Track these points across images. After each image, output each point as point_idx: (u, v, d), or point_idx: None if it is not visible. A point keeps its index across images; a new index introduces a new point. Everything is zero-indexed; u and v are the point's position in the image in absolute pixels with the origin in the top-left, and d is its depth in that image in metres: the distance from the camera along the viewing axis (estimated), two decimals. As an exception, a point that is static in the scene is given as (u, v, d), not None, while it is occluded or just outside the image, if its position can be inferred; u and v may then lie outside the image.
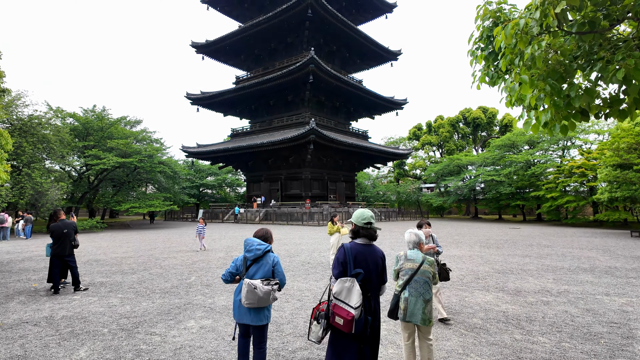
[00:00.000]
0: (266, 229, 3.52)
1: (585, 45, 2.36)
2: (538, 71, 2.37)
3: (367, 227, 2.84)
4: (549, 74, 2.31)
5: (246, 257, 3.27)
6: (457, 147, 57.01)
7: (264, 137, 35.59)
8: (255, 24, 35.40)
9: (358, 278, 2.69)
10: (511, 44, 2.40)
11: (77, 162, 29.14)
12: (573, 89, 2.29)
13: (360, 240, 2.87)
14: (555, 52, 2.35)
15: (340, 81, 34.07)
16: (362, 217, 2.87)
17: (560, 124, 2.49)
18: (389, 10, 43.66)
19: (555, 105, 2.39)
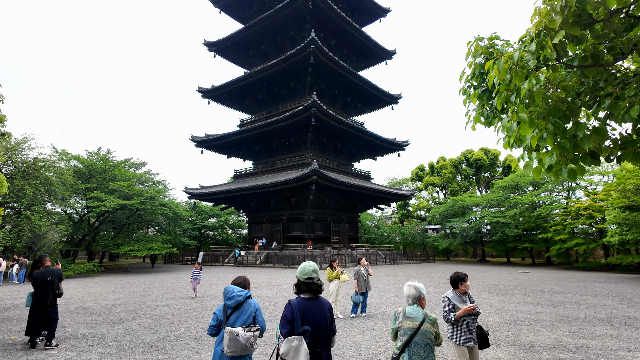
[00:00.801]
0: (244, 277, 3.49)
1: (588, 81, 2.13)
2: (538, 109, 2.12)
3: (308, 283, 2.83)
4: (550, 112, 2.06)
5: (227, 305, 3.26)
6: (461, 188, 56.68)
7: (266, 178, 35.60)
8: (260, 71, 36.66)
9: (305, 336, 2.67)
10: (506, 79, 2.17)
11: (78, 204, 29.04)
12: (580, 128, 2.02)
13: (305, 295, 2.84)
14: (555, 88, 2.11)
15: (341, 124, 34.57)
16: (304, 272, 2.86)
17: (567, 168, 2.20)
18: (389, 57, 45.27)
19: (560, 146, 2.12)
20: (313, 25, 37.02)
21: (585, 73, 2.09)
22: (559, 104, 2.09)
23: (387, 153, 44.92)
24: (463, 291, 4.20)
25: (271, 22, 37.75)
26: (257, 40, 41.42)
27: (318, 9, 35.29)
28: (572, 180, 2.24)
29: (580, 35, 1.93)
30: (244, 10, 44.94)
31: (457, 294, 4.22)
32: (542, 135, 2.25)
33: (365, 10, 45.44)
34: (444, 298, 4.21)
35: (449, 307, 4.13)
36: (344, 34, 40.14)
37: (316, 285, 2.84)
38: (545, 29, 1.91)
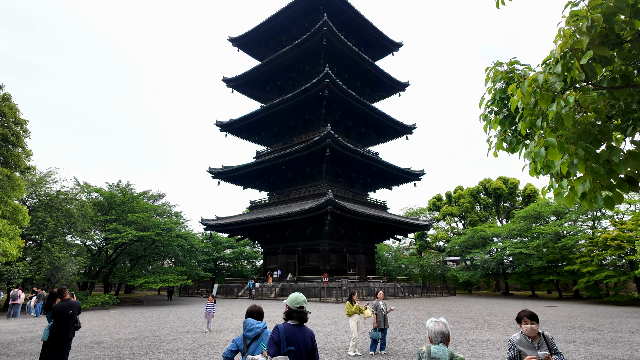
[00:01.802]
0: (259, 306, 3.74)
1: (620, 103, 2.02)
2: (567, 133, 2.00)
3: (299, 311, 3.11)
4: (580, 136, 1.94)
5: (246, 336, 3.49)
6: (480, 218, 55.34)
7: (281, 209, 35.58)
8: (276, 104, 37.59)
9: (290, 355, 2.97)
10: (530, 103, 2.08)
11: (97, 236, 29.46)
12: (614, 153, 1.89)
13: (292, 322, 3.13)
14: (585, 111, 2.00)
15: (356, 154, 34.70)
16: (296, 301, 3.14)
17: (603, 195, 2.05)
18: (402, 89, 45.92)
19: (593, 172, 1.98)
20: (327, 60, 38.13)
21: (616, 95, 1.98)
22: (590, 128, 1.97)
23: (402, 183, 44.57)
24: (533, 335, 3.41)
25: (287, 58, 39.08)
26: (273, 76, 42.78)
27: (332, 45, 36.45)
28: (610, 208, 2.07)
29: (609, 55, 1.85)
30: (261, 49, 46.81)
31: (525, 337, 3.44)
32: (572, 160, 2.11)
33: (378, 45, 46.70)
34: (509, 341, 3.55)
35: (512, 353, 3.45)
36: (358, 68, 41.12)
37: (304, 314, 3.14)
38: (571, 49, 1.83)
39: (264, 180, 42.27)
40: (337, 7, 39.91)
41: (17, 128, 10.94)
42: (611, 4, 1.85)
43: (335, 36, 35.62)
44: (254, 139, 45.76)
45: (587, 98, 2.02)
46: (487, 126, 2.71)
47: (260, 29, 43.76)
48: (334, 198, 30.17)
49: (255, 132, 44.07)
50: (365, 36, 44.92)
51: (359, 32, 44.18)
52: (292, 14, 41.29)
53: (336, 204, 29.90)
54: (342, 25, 41.09)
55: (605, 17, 1.80)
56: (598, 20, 1.77)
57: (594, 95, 2.06)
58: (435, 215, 59.43)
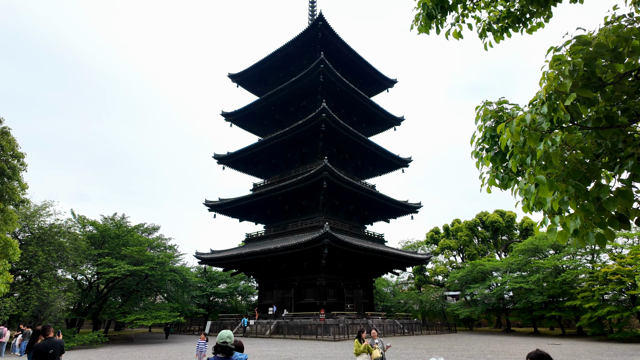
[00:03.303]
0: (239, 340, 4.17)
1: (606, 142, 2.08)
2: (556, 171, 2.04)
3: (223, 345, 3.63)
4: (569, 173, 1.98)
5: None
6: (479, 251, 54.81)
7: (277, 242, 35.15)
8: (273, 138, 38.11)
9: None
10: (519, 141, 2.13)
11: (89, 270, 28.80)
12: (603, 191, 1.92)
13: (220, 355, 3.63)
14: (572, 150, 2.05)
15: (353, 186, 34.83)
16: (221, 337, 3.67)
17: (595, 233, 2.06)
18: (397, 123, 46.87)
19: (584, 209, 2.00)
20: (324, 96, 39.14)
21: (602, 134, 2.04)
22: (578, 166, 2.02)
23: (400, 215, 44.46)
24: None
25: (285, 94, 40.10)
26: (271, 110, 43.69)
27: (328, 81, 37.56)
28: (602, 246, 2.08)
29: (592, 97, 1.92)
30: (259, 85, 48.15)
31: None
32: (563, 198, 2.14)
33: (373, 81, 48.16)
34: None
35: None
36: (354, 103, 42.16)
37: (228, 348, 3.64)
38: (555, 92, 1.90)
39: (260, 213, 42.05)
40: (334, 46, 41.50)
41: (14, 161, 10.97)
42: (591, 49, 1.95)
43: (332, 73, 36.78)
44: (251, 171, 46.00)
45: (573, 137, 2.08)
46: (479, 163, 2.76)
47: (259, 66, 45.22)
48: (331, 231, 29.93)
49: (253, 164, 44.38)
50: (360, 73, 46.42)
51: (354, 69, 45.69)
52: (289, 52, 42.85)
53: (333, 237, 29.62)
54: (338, 63, 42.54)
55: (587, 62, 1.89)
56: (579, 64, 1.85)
57: (580, 135, 2.12)
58: (433, 248, 58.83)
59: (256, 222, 44.16)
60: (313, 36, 40.33)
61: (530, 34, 4.13)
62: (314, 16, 47.94)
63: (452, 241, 56.03)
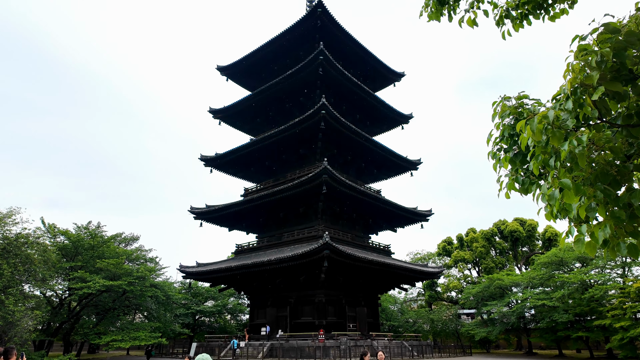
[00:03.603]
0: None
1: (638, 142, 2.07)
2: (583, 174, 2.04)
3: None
4: (597, 177, 1.98)
5: None
6: (496, 264, 54.81)
7: (271, 254, 35.07)
8: (267, 137, 38.15)
9: None
10: (542, 141, 2.13)
11: (60, 285, 28.68)
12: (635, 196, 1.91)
13: None
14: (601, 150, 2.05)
15: (356, 192, 34.81)
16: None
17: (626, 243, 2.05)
18: (405, 121, 46.98)
19: (614, 217, 1.99)
20: (323, 91, 39.20)
21: (633, 133, 2.04)
22: (607, 168, 2.01)
23: (408, 224, 44.41)
24: None
25: (280, 88, 40.19)
26: (264, 107, 43.77)
27: (328, 75, 37.65)
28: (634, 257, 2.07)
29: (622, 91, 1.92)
30: (251, 78, 48.23)
31: None
32: (590, 204, 2.13)
33: (378, 75, 48.32)
34: None
35: None
36: (357, 99, 42.25)
37: None
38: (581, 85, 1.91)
39: (252, 221, 41.97)
40: (334, 36, 41.65)
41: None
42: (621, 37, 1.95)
43: (332, 65, 36.90)
44: (242, 174, 45.97)
45: (601, 136, 2.08)
46: (496, 165, 2.76)
47: (251, 57, 45.32)
48: (332, 241, 29.87)
49: (244, 167, 44.37)
50: (364, 66, 46.57)
51: (357, 62, 45.84)
52: (285, 42, 42.96)
53: (334, 248, 29.55)
54: (339, 55, 42.67)
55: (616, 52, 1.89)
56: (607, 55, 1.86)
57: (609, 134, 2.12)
58: (445, 261, 58.82)
59: (247, 231, 44.05)
60: (311, 25, 40.49)
61: (552, 21, 4.15)
62: (312, 2, 48.16)
63: (466, 253, 56.01)
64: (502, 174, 2.81)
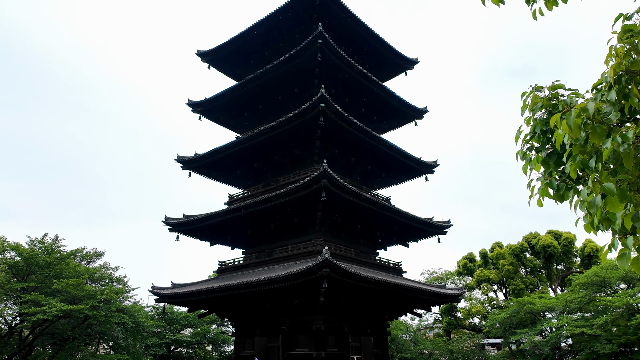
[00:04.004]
0: None
1: (694, 139, 2.07)
2: (629, 177, 2.03)
3: None
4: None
5: None
6: (527, 285, 54.85)
7: (261, 273, 34.98)
8: (256, 135, 38.17)
9: None
10: (580, 138, 2.12)
11: (9, 310, 28.58)
12: (691, 202, 1.91)
13: None
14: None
15: (361, 199, 34.80)
16: None
17: (681, 258, 2.04)
18: (419, 116, 47.16)
19: (666, 228, 1.99)
20: (322, 81, 39.30)
21: (688, 129, 2.04)
22: (658, 170, 2.01)
23: (422, 237, 44.43)
24: None
25: (271, 77, 40.28)
26: (252, 99, 43.85)
27: (328, 61, 37.75)
28: (691, 276, 2.07)
29: (674, 79, 1.92)
30: (238, 65, 48.36)
31: None
32: (637, 212, 2.13)
33: (387, 62, 48.50)
34: None
35: None
36: (362, 91, 42.37)
37: None
38: (626, 72, 1.90)
39: (237, 234, 41.91)
40: (336, 16, 41.81)
41: None
42: (672, 16, 1.95)
43: (333, 51, 37.03)
44: (226, 179, 45.98)
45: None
46: (526, 167, 2.75)
47: (238, 41, 45.45)
48: (332, 258, 29.81)
49: (228, 170, 44.39)
50: (371, 52, 46.75)
51: (363, 47, 46.02)
52: (278, 23, 43.13)
53: (334, 267, 29.48)
54: (341, 38, 42.83)
55: (666, 33, 1.89)
56: (657, 36, 1.85)
57: (660, 130, 2.12)
58: (467, 281, 58.86)
59: (232, 245, 43.96)
60: (309, 3, 40.67)
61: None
62: (309, -24, 48.42)
63: (491, 272, 56.01)
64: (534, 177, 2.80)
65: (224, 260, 42.11)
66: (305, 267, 29.93)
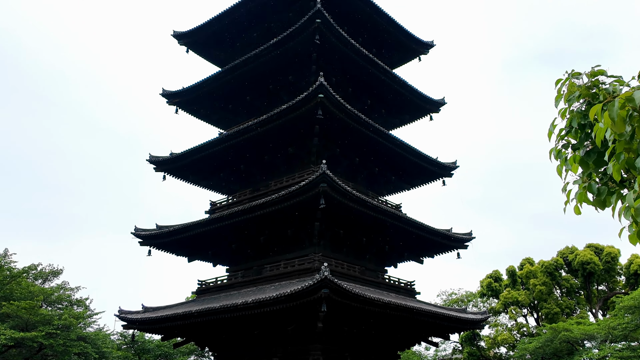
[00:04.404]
0: None
1: None
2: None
3: None
4: (703, 183, 1.97)
5: None
6: (562, 309, 54.85)
7: (248, 294, 34.94)
8: (243, 131, 38.11)
9: None
10: (624, 133, 2.12)
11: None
12: None
13: None
14: None
15: (366, 207, 34.76)
16: None
17: None
18: (435, 109, 47.23)
19: None
20: (321, 68, 39.34)
21: None
22: None
23: (439, 252, 44.45)
24: None
25: (261, 64, 40.26)
26: (239, 89, 43.87)
27: (329, 45, 37.78)
28: None
29: None
30: (222, 50, 48.42)
31: None
32: (693, 221, 2.12)
33: (398, 46, 48.62)
34: None
35: None
36: (367, 79, 42.43)
37: None
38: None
39: (221, 249, 41.87)
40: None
41: None
42: None
43: (334, 32, 37.08)
44: (207, 183, 45.95)
45: None
46: (561, 167, 2.75)
47: (222, 21, 45.49)
48: (332, 276, 29.79)
49: (210, 172, 44.37)
50: (378, 34, 46.83)
51: (369, 28, 46.10)
52: (268, 1, 43.14)
53: (335, 287, 29.43)
54: (343, 18, 42.90)
55: None
56: None
57: None
58: (491, 304, 58.88)
59: (214, 262, 43.90)
60: (305, -24, 40.85)
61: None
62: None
63: (520, 293, 56.02)
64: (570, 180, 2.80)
65: (204, 279, 42.07)
66: (301, 288, 29.87)
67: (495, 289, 59.21)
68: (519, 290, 56.44)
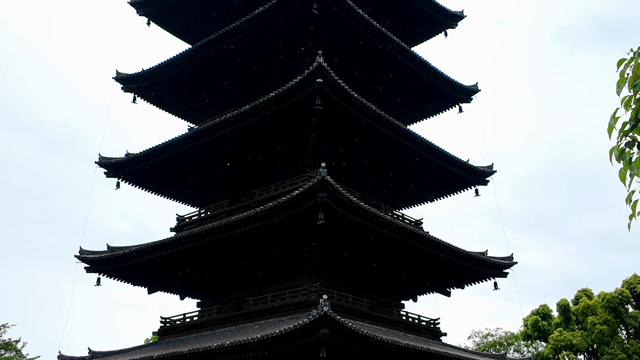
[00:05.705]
0: None
1: None
2: None
3: None
4: None
5: None
6: (629, 354, 54.79)
7: (225, 335, 34.89)
8: (219, 125, 37.97)
9: None
10: None
11: None
12: None
13: None
14: None
15: (378, 223, 34.64)
16: None
17: None
18: (466, 98, 47.25)
19: None
20: (319, 44, 39.29)
21: None
22: None
23: (471, 282, 44.39)
24: None
25: (242, 40, 40.15)
26: (214, 72, 43.76)
27: (329, 15, 37.65)
28: None
29: None
30: (192, 22, 48.39)
31: None
32: None
33: (418, 18, 48.60)
34: None
35: None
36: (379, 60, 42.39)
37: None
38: None
39: (190, 277, 41.73)
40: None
41: None
42: None
43: None
44: (173, 192, 45.85)
45: None
46: (624, 171, 2.75)
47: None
48: (334, 313, 29.75)
49: (177, 179, 44.29)
50: (393, 3, 46.82)
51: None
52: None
53: (337, 326, 29.38)
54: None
55: None
56: None
57: None
58: (538, 348, 58.87)
59: (182, 294, 43.77)
60: None
61: None
62: None
63: (576, 334, 56.01)
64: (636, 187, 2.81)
65: (169, 316, 41.86)
66: (294, 327, 29.78)
67: (543, 328, 59.13)
68: (573, 331, 56.36)
